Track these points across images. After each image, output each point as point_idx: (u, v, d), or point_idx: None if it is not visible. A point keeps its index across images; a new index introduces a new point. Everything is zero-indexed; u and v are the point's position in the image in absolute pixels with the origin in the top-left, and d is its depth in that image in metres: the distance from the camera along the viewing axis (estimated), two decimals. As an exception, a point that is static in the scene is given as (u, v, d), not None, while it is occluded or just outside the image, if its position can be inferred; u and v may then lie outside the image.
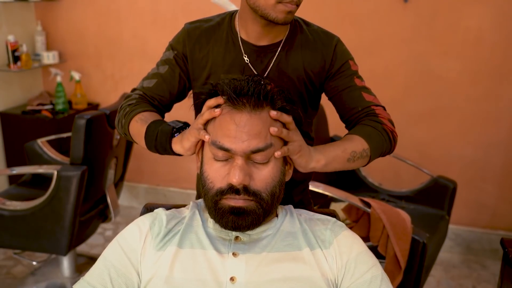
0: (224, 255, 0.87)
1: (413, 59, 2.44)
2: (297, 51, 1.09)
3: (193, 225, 0.93)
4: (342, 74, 1.10)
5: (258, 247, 0.89)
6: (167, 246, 0.89)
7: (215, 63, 1.10)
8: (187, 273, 0.85)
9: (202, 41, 1.11)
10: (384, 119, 1.06)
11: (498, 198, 2.54)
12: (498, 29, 2.31)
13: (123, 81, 2.84)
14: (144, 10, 2.70)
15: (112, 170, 2.19)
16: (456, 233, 2.62)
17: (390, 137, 1.05)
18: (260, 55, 1.09)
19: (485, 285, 2.35)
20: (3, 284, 2.22)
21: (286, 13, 0.99)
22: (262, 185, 0.86)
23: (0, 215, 1.89)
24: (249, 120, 0.85)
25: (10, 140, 2.72)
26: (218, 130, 0.86)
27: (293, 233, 0.92)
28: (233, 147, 0.84)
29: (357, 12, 2.44)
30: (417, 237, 1.67)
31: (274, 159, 0.88)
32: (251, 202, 0.85)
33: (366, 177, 2.34)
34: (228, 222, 0.86)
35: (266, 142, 0.85)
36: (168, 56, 1.13)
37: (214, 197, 0.86)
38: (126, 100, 1.12)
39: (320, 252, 0.89)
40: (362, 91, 1.09)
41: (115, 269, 0.87)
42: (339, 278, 0.87)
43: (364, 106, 1.07)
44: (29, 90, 2.91)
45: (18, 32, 2.74)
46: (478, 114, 2.44)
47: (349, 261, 0.88)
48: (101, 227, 2.72)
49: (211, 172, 0.87)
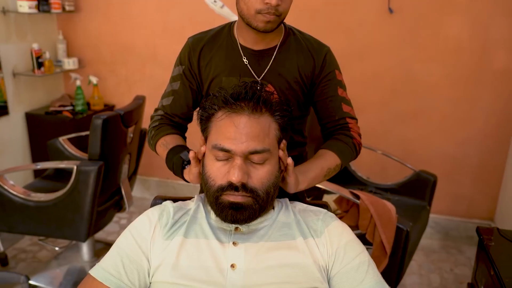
0: (225, 244, 0.87)
1: (398, 65, 2.43)
2: (292, 55, 1.09)
3: (197, 217, 0.93)
4: (328, 82, 1.11)
5: (256, 236, 0.89)
6: (174, 236, 0.89)
7: (217, 67, 1.10)
8: (192, 260, 0.85)
9: (205, 50, 1.11)
10: (355, 133, 1.11)
11: (474, 190, 2.54)
12: (475, 38, 2.30)
13: (135, 84, 2.84)
14: (154, 20, 2.70)
15: (126, 165, 2.18)
16: (436, 222, 2.62)
17: (356, 149, 1.12)
18: (257, 58, 1.09)
19: (461, 268, 2.35)
20: (30, 267, 2.23)
21: (265, 22, 0.99)
22: (259, 183, 0.86)
23: (26, 206, 1.89)
24: (247, 122, 0.84)
25: (35, 138, 2.72)
26: (219, 133, 0.86)
27: (288, 224, 0.92)
28: (233, 148, 0.84)
29: (347, 22, 2.43)
30: (401, 226, 1.67)
31: (270, 162, 0.87)
32: (248, 198, 0.85)
33: (355, 172, 2.33)
34: (228, 215, 0.86)
35: (264, 146, 0.85)
36: (178, 72, 1.15)
37: (215, 193, 0.86)
38: (151, 122, 1.18)
39: (313, 240, 0.89)
40: (342, 102, 1.12)
41: (127, 256, 0.87)
42: (330, 264, 0.87)
43: (341, 116, 1.12)
44: (52, 93, 2.90)
45: (41, 40, 2.73)
46: (457, 114, 2.43)
47: (338, 249, 0.88)
48: (116, 216, 2.73)
49: (213, 171, 0.87)
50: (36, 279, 2.10)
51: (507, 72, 2.31)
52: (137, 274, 0.86)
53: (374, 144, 2.37)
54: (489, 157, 2.46)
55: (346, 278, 0.85)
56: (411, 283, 2.21)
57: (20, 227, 1.95)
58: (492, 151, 2.45)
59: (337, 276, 0.86)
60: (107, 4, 2.75)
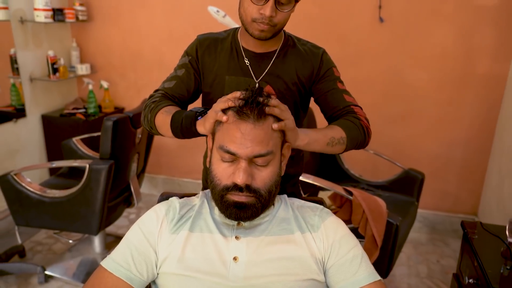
0: (228, 238, 0.86)
1: (388, 70, 2.43)
2: (290, 59, 1.09)
3: (202, 212, 0.92)
4: (327, 79, 1.10)
5: (257, 231, 0.88)
6: (180, 230, 0.88)
7: (221, 66, 1.10)
8: (197, 253, 0.84)
9: (211, 48, 1.11)
10: (361, 116, 1.06)
11: (459, 187, 2.53)
12: (460, 45, 2.29)
13: (144, 88, 2.83)
14: (161, 28, 2.69)
15: (135, 164, 2.18)
16: (423, 216, 2.61)
17: (365, 132, 1.04)
18: (258, 60, 1.09)
19: (447, 259, 2.35)
20: (46, 258, 2.22)
21: (259, 31, 1.00)
22: (262, 184, 0.85)
23: (42, 201, 1.89)
24: (252, 129, 0.82)
25: (50, 138, 2.72)
26: (225, 136, 0.84)
27: (287, 219, 0.91)
28: (239, 152, 0.82)
29: (342, 30, 2.42)
30: (391, 220, 1.67)
31: (273, 163, 0.86)
32: (251, 198, 0.84)
33: (348, 170, 2.33)
34: (232, 213, 0.85)
35: (267, 149, 0.83)
36: (184, 61, 1.13)
37: (220, 192, 0.85)
38: (150, 99, 1.11)
39: (310, 235, 0.88)
40: (343, 93, 1.09)
41: (136, 248, 0.86)
42: (326, 257, 0.87)
43: (345, 105, 1.08)
44: (66, 96, 2.90)
45: (56, 48, 2.73)
46: (443, 117, 2.43)
47: (334, 243, 0.87)
48: (126, 211, 2.73)
49: (219, 171, 0.86)
50: (51, 269, 2.10)
51: (489, 77, 2.31)
52: (145, 266, 0.86)
53: (366, 144, 2.37)
54: (473, 156, 2.46)
55: (341, 270, 0.85)
56: (400, 273, 2.21)
57: (37, 221, 1.95)
58: (475, 151, 2.45)
59: (333, 268, 0.86)
60: (117, 14, 2.75)
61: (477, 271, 1.27)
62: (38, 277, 2.03)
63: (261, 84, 1.08)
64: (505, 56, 2.25)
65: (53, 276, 2.07)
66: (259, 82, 1.08)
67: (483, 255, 1.29)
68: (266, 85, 1.08)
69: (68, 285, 2.02)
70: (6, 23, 2.38)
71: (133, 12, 2.71)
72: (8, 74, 2.51)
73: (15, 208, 1.93)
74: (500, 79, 2.30)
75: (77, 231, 1.97)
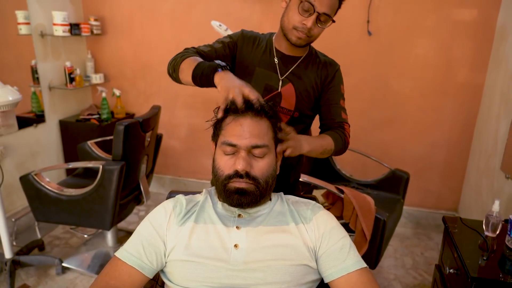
0: (230, 228, 0.88)
1: (376, 79, 2.44)
2: (313, 65, 1.17)
3: (205, 206, 0.93)
4: (334, 91, 1.18)
5: (256, 222, 0.90)
6: (186, 222, 0.89)
7: (255, 59, 1.16)
8: (201, 241, 0.86)
9: (251, 41, 1.17)
10: (347, 133, 1.17)
11: (441, 185, 2.54)
12: (440, 56, 2.31)
13: (153, 96, 2.85)
14: (169, 41, 2.71)
15: (144, 165, 2.19)
16: (408, 213, 2.62)
17: (345, 145, 1.16)
18: (286, 61, 1.16)
19: (430, 252, 2.35)
20: (62, 251, 2.23)
21: (297, 37, 1.07)
22: (259, 173, 0.87)
23: (60, 199, 1.89)
24: (250, 123, 0.87)
25: (67, 141, 2.73)
26: (227, 132, 0.89)
27: (283, 212, 0.93)
28: (238, 143, 0.86)
29: (333, 43, 2.44)
30: (379, 216, 1.68)
31: (269, 156, 0.89)
32: (251, 185, 0.86)
33: (340, 170, 2.34)
34: (234, 200, 0.87)
35: (263, 142, 0.87)
36: (224, 40, 1.17)
37: (223, 181, 0.88)
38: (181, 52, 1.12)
39: (303, 226, 0.90)
40: (342, 110, 1.19)
41: (146, 240, 0.88)
42: (317, 245, 0.88)
43: (339, 120, 1.18)
44: (81, 103, 2.91)
45: (73, 59, 2.75)
46: (425, 121, 2.44)
47: (324, 233, 0.88)
48: (136, 209, 2.73)
49: (221, 164, 0.89)
50: (68, 261, 2.10)
51: (468, 85, 2.33)
52: (155, 255, 0.87)
53: (356, 146, 2.38)
54: (454, 157, 2.47)
55: (331, 257, 0.86)
56: (388, 264, 2.21)
57: (55, 217, 1.95)
58: (456, 152, 2.46)
59: (323, 256, 0.87)
60: (129, 29, 2.77)
61: (457, 262, 1.28)
62: (56, 269, 2.04)
63: (284, 81, 1.15)
64: (481, 66, 2.27)
65: (69, 267, 2.07)
66: (282, 80, 1.14)
67: (462, 247, 1.30)
68: (288, 83, 1.14)
69: (83, 276, 2.03)
70: (28, 37, 2.40)
71: (143, 26, 2.73)
72: (29, 83, 2.52)
73: (35, 205, 1.93)
74: (478, 87, 2.31)
75: (91, 226, 1.97)
